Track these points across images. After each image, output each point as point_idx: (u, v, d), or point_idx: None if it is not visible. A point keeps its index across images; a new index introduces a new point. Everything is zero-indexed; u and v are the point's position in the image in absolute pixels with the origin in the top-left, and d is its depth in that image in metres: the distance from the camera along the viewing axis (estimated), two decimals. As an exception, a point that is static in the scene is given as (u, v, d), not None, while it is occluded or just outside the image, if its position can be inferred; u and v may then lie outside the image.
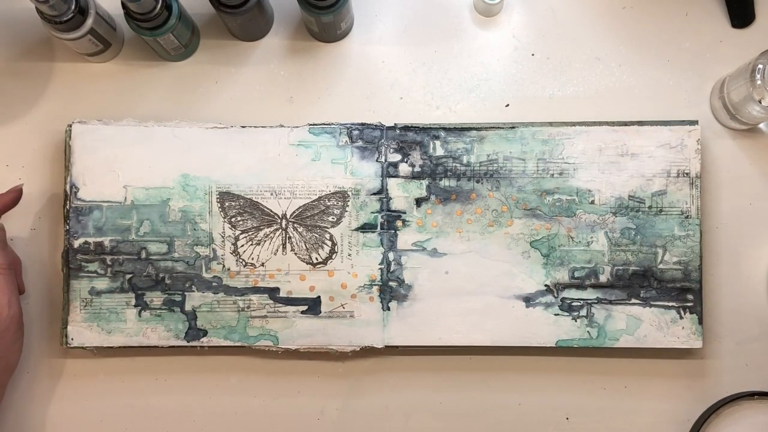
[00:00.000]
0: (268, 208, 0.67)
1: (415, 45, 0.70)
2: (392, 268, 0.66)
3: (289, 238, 0.67)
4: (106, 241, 0.66)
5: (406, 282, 0.66)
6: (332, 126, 0.67)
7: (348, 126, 0.67)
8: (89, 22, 0.64)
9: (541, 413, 0.68)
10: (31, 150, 0.70)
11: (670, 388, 0.68)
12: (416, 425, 0.68)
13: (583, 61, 0.70)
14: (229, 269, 0.66)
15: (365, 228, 0.67)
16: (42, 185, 0.69)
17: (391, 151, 0.67)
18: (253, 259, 0.66)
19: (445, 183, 0.67)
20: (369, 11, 0.71)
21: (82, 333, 0.66)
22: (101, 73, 0.70)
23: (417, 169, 0.67)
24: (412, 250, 0.67)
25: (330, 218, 0.67)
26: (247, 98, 0.70)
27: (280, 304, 0.66)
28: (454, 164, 0.67)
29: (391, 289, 0.66)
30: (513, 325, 0.66)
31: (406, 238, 0.67)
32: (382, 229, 0.67)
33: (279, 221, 0.67)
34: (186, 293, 0.66)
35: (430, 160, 0.67)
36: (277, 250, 0.67)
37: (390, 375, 0.68)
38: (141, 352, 0.68)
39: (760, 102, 0.62)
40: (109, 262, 0.66)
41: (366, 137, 0.67)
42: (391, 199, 0.67)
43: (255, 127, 0.67)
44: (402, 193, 0.67)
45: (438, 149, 0.67)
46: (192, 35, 0.69)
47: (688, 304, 0.66)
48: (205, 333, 0.66)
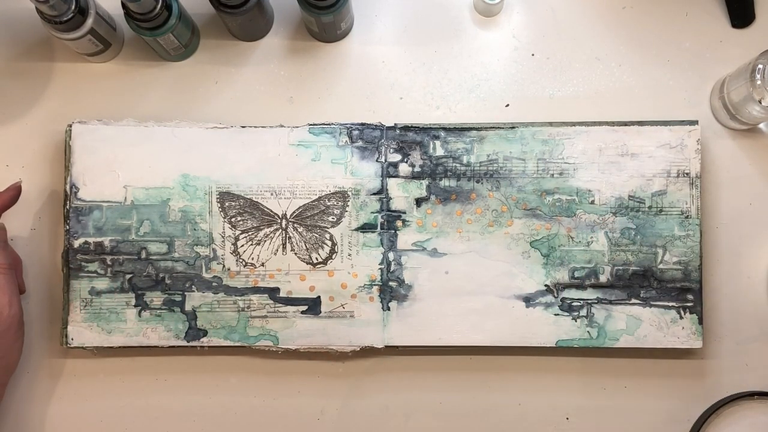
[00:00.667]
0: (268, 208, 0.67)
1: (415, 45, 0.70)
2: (392, 268, 0.66)
3: (289, 238, 0.67)
4: (106, 241, 0.66)
5: (406, 282, 0.66)
6: (332, 126, 0.67)
7: (348, 126, 0.67)
8: (89, 22, 0.64)
9: (541, 413, 0.68)
10: (31, 150, 0.70)
11: (670, 388, 0.68)
12: (416, 425, 0.68)
13: (583, 61, 0.70)
14: (229, 269, 0.66)
15: (365, 228, 0.67)
16: (42, 185, 0.69)
17: (391, 151, 0.67)
18: (253, 259, 0.66)
19: (445, 183, 0.67)
20: (369, 11, 0.71)
21: (82, 333, 0.66)
22: (101, 73, 0.70)
23: (417, 169, 0.67)
24: (412, 250, 0.67)
25: (330, 218, 0.67)
26: (247, 98, 0.70)
27: (280, 304, 0.66)
28: (454, 164, 0.67)
29: (391, 289, 0.66)
30: (513, 325, 0.66)
31: (406, 238, 0.67)
32: (382, 229, 0.67)
33: (279, 221, 0.67)
34: (186, 293, 0.66)
35: (430, 160, 0.67)
36: (277, 250, 0.67)
37: (390, 375, 0.68)
38: (141, 352, 0.68)
39: (760, 102, 0.62)
40: (109, 262, 0.66)
41: (366, 137, 0.67)
42: (391, 199, 0.67)
43: (255, 127, 0.67)
44: (402, 193, 0.67)
45: (438, 149, 0.67)
46: (192, 35, 0.69)
47: (688, 304, 0.66)
48: (205, 333, 0.66)
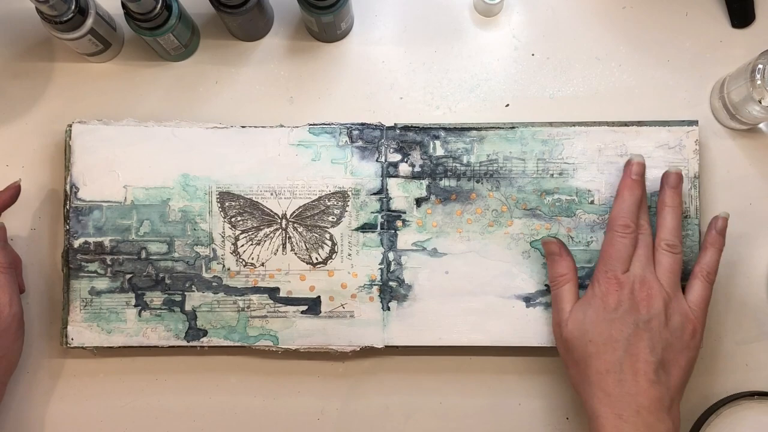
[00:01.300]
0: (268, 208, 0.67)
1: (415, 45, 0.70)
2: (392, 268, 0.66)
3: (289, 238, 0.67)
4: (106, 241, 0.66)
5: (406, 282, 0.66)
6: (332, 126, 0.67)
7: (348, 126, 0.67)
8: (89, 22, 0.64)
9: (540, 414, 0.68)
10: (31, 150, 0.70)
11: (670, 388, 0.68)
12: (416, 425, 0.68)
13: (583, 61, 0.70)
14: (229, 269, 0.66)
15: (365, 228, 0.67)
16: (42, 185, 0.69)
17: (391, 151, 0.67)
18: (253, 259, 0.67)
19: (445, 183, 0.67)
20: (369, 11, 0.71)
21: (82, 333, 0.66)
22: (101, 73, 0.70)
23: (417, 169, 0.67)
24: (412, 250, 0.67)
25: (330, 218, 0.67)
26: (247, 98, 0.70)
27: (280, 304, 0.66)
28: (454, 164, 0.67)
29: (391, 289, 0.66)
30: (513, 325, 0.66)
31: (406, 238, 0.67)
32: (382, 229, 0.67)
33: (279, 221, 0.67)
34: (186, 293, 0.66)
35: (430, 160, 0.67)
36: (277, 250, 0.67)
37: (390, 375, 0.68)
38: (141, 352, 0.68)
39: (760, 102, 0.62)
40: (109, 262, 0.66)
41: (366, 137, 0.67)
42: (391, 199, 0.67)
43: (255, 127, 0.67)
44: (402, 193, 0.67)
45: (438, 149, 0.67)
46: (192, 35, 0.69)
47: (688, 304, 0.66)
48: (205, 333, 0.66)
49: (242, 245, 0.67)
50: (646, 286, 0.59)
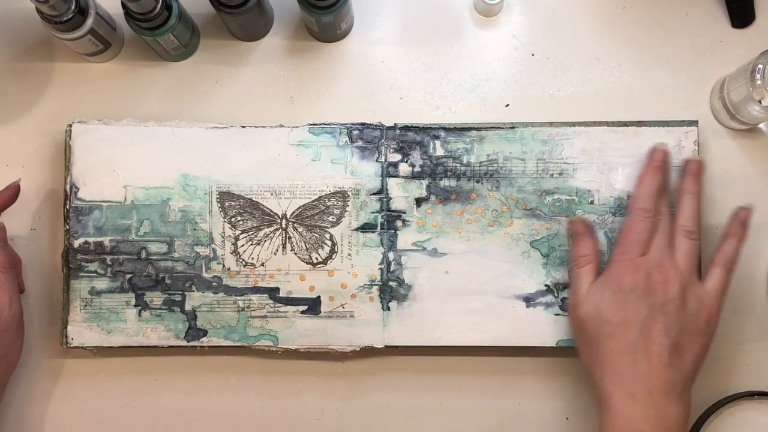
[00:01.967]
0: (268, 208, 0.67)
1: (415, 45, 0.70)
2: (392, 268, 0.66)
3: (289, 238, 0.67)
4: (106, 241, 0.66)
5: (406, 282, 0.66)
6: (332, 126, 0.67)
7: (348, 126, 0.67)
8: (89, 22, 0.64)
9: (541, 414, 0.68)
10: (31, 150, 0.70)
11: (670, 388, 0.68)
12: (416, 425, 0.68)
13: (583, 61, 0.70)
14: (229, 269, 0.66)
15: (365, 228, 0.67)
16: (42, 185, 0.69)
17: (391, 151, 0.67)
18: (253, 259, 0.67)
19: (445, 183, 0.67)
20: (369, 11, 0.71)
21: (82, 333, 0.66)
22: (101, 73, 0.70)
23: (417, 169, 0.67)
24: (412, 250, 0.67)
25: (330, 218, 0.67)
26: (247, 98, 0.70)
27: (280, 304, 0.66)
28: (454, 164, 0.67)
29: (391, 289, 0.66)
30: (513, 325, 0.66)
31: (406, 238, 0.67)
32: (382, 229, 0.67)
33: (279, 221, 0.67)
34: (186, 293, 0.66)
35: (430, 160, 0.67)
36: (277, 250, 0.67)
37: (390, 375, 0.68)
38: (141, 352, 0.68)
39: (760, 102, 0.62)
40: (109, 262, 0.66)
41: (366, 137, 0.67)
42: (391, 199, 0.67)
43: (255, 127, 0.67)
44: (402, 193, 0.67)
45: (438, 149, 0.67)
46: (192, 35, 0.69)
47: (688, 304, 0.66)
48: (205, 333, 0.66)
49: (242, 245, 0.67)
50: (664, 271, 0.59)
